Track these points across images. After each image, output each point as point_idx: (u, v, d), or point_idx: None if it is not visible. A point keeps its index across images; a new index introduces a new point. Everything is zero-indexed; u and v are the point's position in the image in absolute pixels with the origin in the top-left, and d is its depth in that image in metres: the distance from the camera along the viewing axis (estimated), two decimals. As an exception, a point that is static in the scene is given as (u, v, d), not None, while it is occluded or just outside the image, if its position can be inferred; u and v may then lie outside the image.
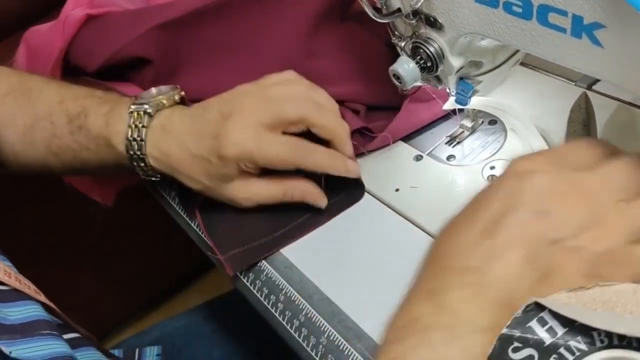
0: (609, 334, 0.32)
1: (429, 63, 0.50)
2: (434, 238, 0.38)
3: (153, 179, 0.59)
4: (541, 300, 0.34)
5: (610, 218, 0.33)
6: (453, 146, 0.60)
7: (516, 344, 0.33)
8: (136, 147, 0.55)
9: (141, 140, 0.55)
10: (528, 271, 0.33)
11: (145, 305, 1.46)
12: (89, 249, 1.27)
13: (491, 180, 0.37)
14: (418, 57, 0.51)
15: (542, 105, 0.62)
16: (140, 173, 0.57)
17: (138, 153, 0.55)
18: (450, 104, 0.59)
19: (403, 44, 0.52)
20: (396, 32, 0.52)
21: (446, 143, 0.61)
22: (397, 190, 0.58)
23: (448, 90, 0.55)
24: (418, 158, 0.60)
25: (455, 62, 0.50)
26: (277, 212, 0.57)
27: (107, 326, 1.36)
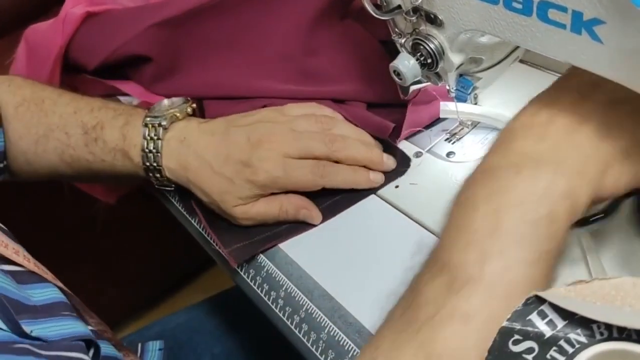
0: (609, 327, 0.32)
1: (429, 60, 0.50)
2: (439, 226, 0.41)
3: (167, 189, 0.61)
4: (541, 293, 0.34)
5: None
6: (453, 143, 0.61)
7: (516, 337, 0.33)
8: (152, 159, 0.57)
9: (157, 152, 0.57)
10: None
11: (145, 303, 1.46)
12: (90, 247, 1.27)
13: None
14: (418, 54, 0.51)
15: (542, 102, 0.62)
16: (155, 183, 0.60)
17: (154, 164, 0.57)
18: (444, 113, 0.60)
19: (403, 41, 0.52)
20: (396, 29, 0.53)
21: (446, 140, 0.61)
22: (397, 187, 0.58)
23: (448, 87, 0.55)
24: (418, 155, 0.60)
25: (455, 59, 0.50)
26: None
27: (108, 324, 1.36)
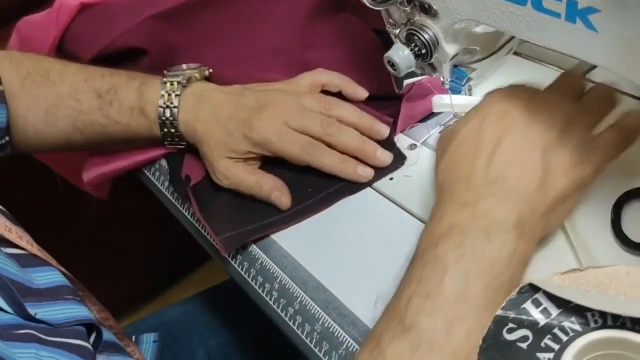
0: (603, 315, 0.32)
1: (424, 50, 0.50)
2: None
3: (178, 147, 0.64)
4: (535, 281, 0.34)
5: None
6: (447, 135, 0.61)
7: (511, 325, 0.33)
8: (169, 114, 0.60)
9: (174, 107, 0.60)
10: (538, 173, 0.41)
11: (139, 297, 1.46)
12: (83, 242, 1.27)
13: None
14: (412, 45, 0.51)
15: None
16: (168, 139, 0.62)
17: (170, 119, 0.60)
18: (438, 106, 0.60)
19: (397, 32, 0.52)
20: (390, 20, 0.52)
21: (440, 132, 0.61)
22: (392, 179, 0.58)
23: (442, 78, 0.55)
24: (412, 147, 0.60)
25: (449, 50, 0.50)
26: None
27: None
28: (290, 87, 0.62)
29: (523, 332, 0.33)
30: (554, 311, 0.33)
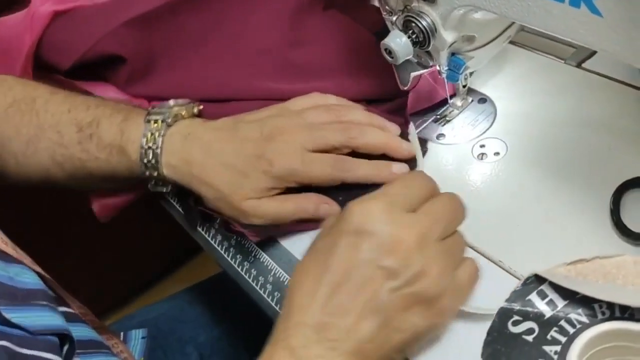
0: (611, 306, 0.31)
1: (421, 37, 0.49)
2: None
3: (161, 191, 0.58)
4: (541, 272, 0.33)
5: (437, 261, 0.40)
6: (443, 125, 0.60)
7: (516, 317, 0.32)
8: (151, 156, 0.55)
9: (157, 148, 0.55)
10: (376, 322, 0.39)
11: (127, 294, 1.44)
12: (72, 237, 1.25)
13: (331, 225, 0.43)
14: (410, 32, 0.50)
15: (531, 83, 0.61)
16: (151, 182, 0.57)
17: (152, 161, 0.55)
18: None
19: (394, 19, 0.51)
20: (387, 7, 0.51)
21: (436, 122, 0.60)
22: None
23: (439, 67, 0.54)
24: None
25: (447, 37, 0.49)
26: None
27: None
28: (283, 111, 0.57)
29: (529, 325, 0.32)
30: (560, 303, 0.32)
